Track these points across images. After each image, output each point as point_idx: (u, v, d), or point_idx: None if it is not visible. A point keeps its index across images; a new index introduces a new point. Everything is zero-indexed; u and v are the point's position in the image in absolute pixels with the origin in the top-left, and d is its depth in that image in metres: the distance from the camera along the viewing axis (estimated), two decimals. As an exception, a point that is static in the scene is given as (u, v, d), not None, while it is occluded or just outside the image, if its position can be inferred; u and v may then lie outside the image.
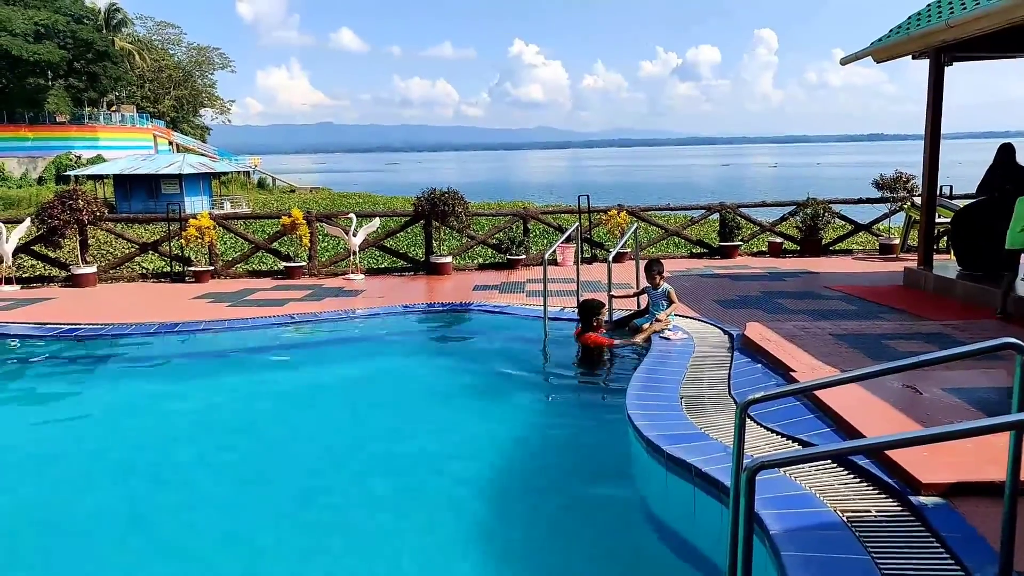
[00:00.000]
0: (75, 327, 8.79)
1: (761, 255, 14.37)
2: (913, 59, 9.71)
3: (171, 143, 65.07)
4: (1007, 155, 9.07)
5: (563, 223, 15.09)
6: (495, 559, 4.18)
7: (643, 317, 8.23)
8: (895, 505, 3.68)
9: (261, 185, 63.36)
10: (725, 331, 7.66)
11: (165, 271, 13.29)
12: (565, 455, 5.56)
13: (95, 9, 63.45)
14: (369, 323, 9.28)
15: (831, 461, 4.19)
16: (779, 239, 14.42)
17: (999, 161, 9.09)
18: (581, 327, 7.75)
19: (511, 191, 61.99)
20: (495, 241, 13.79)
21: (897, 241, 14.01)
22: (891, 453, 3.91)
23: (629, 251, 12.82)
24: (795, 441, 4.64)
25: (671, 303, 8.03)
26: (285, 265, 12.71)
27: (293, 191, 60.70)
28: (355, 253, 12.52)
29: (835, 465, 4.16)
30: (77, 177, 42.22)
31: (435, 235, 13.20)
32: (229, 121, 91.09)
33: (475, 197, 29.40)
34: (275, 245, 13.88)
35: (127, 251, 14.59)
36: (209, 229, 12.27)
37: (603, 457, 5.45)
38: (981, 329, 6.98)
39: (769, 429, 4.86)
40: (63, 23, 53.68)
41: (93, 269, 12.26)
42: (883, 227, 15.08)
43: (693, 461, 4.26)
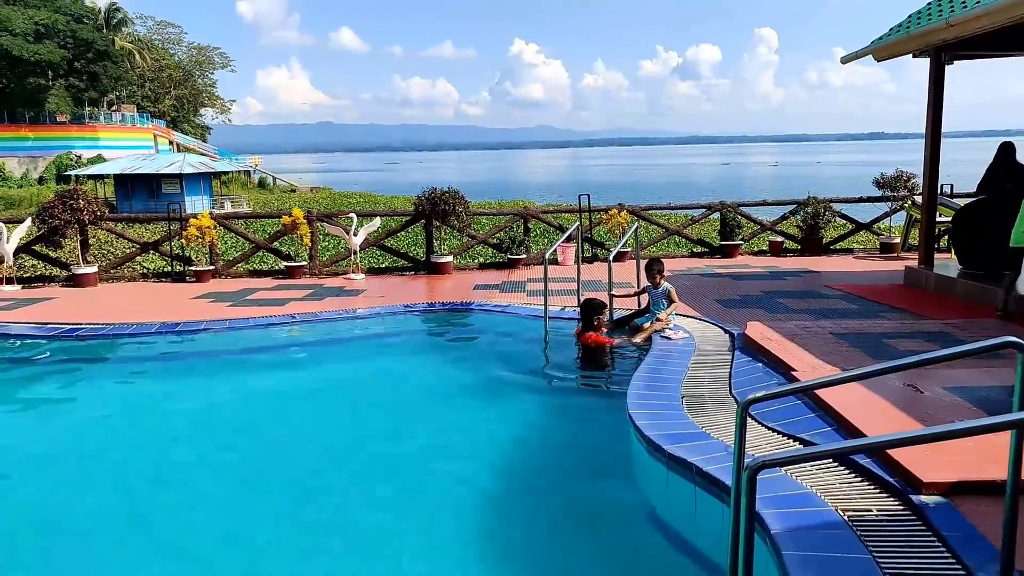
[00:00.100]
0: (76, 327, 8.79)
1: (762, 254, 14.36)
2: (914, 58, 9.70)
3: (171, 143, 65.10)
4: (1007, 154, 9.06)
5: (564, 222, 15.09)
6: (495, 559, 4.17)
7: (644, 316, 8.22)
8: (896, 504, 3.68)
9: (262, 185, 63.40)
10: (726, 330, 7.65)
11: (166, 271, 13.29)
12: (565, 455, 5.55)
13: (95, 9, 63.50)
14: (370, 323, 9.27)
15: (832, 460, 4.19)
16: (780, 238, 14.41)
17: (999, 160, 9.08)
18: (582, 326, 7.75)
19: (511, 190, 62.01)
20: (496, 240, 13.78)
21: (898, 240, 14.00)
22: (892, 452, 3.91)
23: (630, 250, 12.82)
24: (796, 440, 4.64)
25: (672, 302, 8.02)
26: (286, 265, 12.71)
27: (294, 191, 60.74)
28: (356, 252, 12.52)
29: (836, 464, 4.16)
30: (78, 177, 42.29)
31: (436, 234, 13.20)
32: (229, 121, 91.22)
33: (475, 196, 29.41)
34: (276, 245, 13.89)
35: (128, 251, 14.60)
36: (210, 229, 12.27)
37: (604, 457, 5.44)
38: (982, 328, 6.98)
39: (770, 428, 4.85)
40: (63, 23, 53.70)
41: (94, 269, 12.26)
42: (884, 226, 15.07)
43: (694, 460, 4.26)
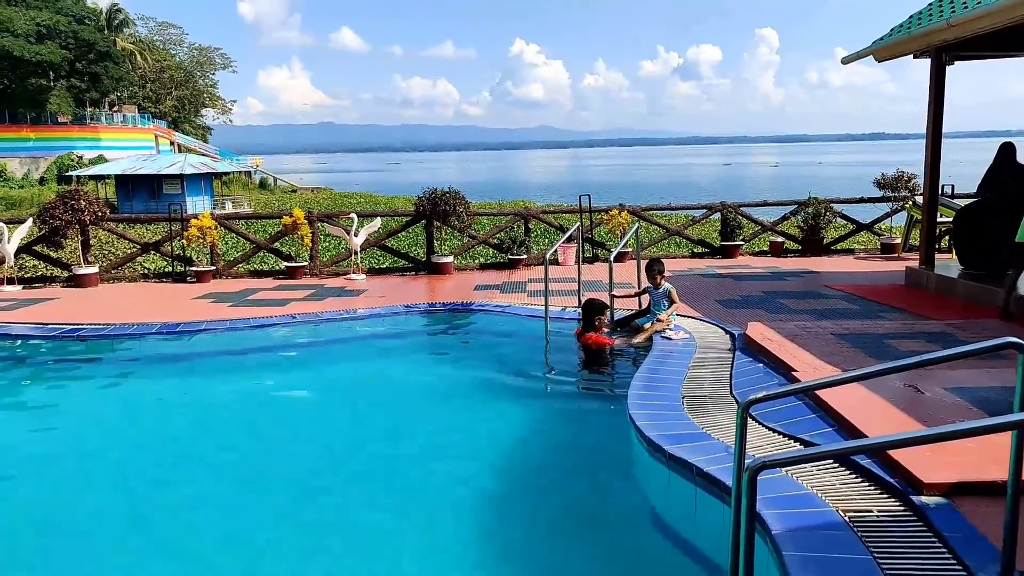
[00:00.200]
0: (77, 327, 8.80)
1: (762, 255, 14.36)
2: (914, 58, 9.69)
3: (172, 143, 65.14)
4: (1008, 154, 9.06)
5: (564, 223, 15.08)
6: (495, 559, 4.17)
7: (644, 317, 8.22)
8: (897, 505, 3.67)
9: (262, 185, 63.47)
10: (726, 331, 7.65)
11: (167, 271, 13.29)
12: (566, 455, 5.55)
13: (97, 10, 63.56)
14: (370, 323, 9.27)
15: (833, 461, 4.18)
16: (780, 239, 14.40)
17: (1000, 160, 9.08)
18: (583, 327, 7.75)
19: (512, 191, 62.04)
20: (496, 241, 13.78)
21: (899, 240, 13.99)
22: (893, 453, 3.90)
23: (630, 251, 12.81)
24: (797, 441, 4.63)
25: (672, 303, 8.02)
26: (287, 265, 12.72)
27: (294, 191, 60.79)
28: (356, 253, 12.52)
29: (837, 465, 4.15)
30: (79, 177, 42.26)
31: (436, 235, 13.20)
32: (230, 121, 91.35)
33: (476, 197, 29.43)
34: (277, 245, 13.89)
35: (129, 251, 14.60)
36: (211, 229, 12.27)
37: (604, 457, 5.44)
38: (983, 328, 6.97)
39: (771, 429, 4.85)
40: (65, 24, 53.75)
41: (95, 269, 12.27)
42: (884, 226, 15.06)
43: (695, 461, 4.26)
